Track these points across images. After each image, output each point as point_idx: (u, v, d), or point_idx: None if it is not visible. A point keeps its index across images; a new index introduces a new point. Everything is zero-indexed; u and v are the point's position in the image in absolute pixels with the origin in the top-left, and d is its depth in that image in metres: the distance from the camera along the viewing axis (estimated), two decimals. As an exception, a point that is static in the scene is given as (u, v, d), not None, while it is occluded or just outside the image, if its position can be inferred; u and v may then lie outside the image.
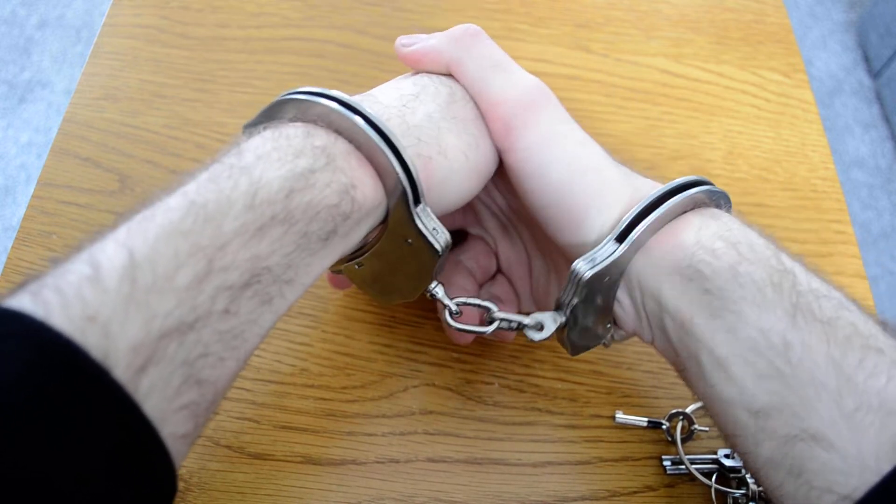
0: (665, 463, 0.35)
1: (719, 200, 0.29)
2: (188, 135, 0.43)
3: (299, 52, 0.47)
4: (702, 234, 0.26)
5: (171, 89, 0.44)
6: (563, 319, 0.29)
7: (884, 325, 0.24)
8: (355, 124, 0.25)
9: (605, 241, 0.27)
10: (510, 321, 0.30)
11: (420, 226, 0.27)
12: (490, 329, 0.30)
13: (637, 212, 0.27)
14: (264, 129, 0.26)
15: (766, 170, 0.45)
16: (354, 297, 0.38)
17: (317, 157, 0.25)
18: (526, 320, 0.30)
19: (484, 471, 0.34)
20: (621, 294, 0.29)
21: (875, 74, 1.50)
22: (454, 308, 0.30)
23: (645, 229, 0.27)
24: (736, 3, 0.53)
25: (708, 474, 0.34)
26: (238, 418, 0.34)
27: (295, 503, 0.32)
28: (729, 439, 0.26)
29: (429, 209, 0.27)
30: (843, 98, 1.50)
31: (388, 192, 0.26)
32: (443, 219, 0.33)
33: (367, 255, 0.29)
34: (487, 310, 0.31)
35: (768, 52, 0.51)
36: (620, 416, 0.35)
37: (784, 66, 0.50)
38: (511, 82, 0.30)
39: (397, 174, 0.26)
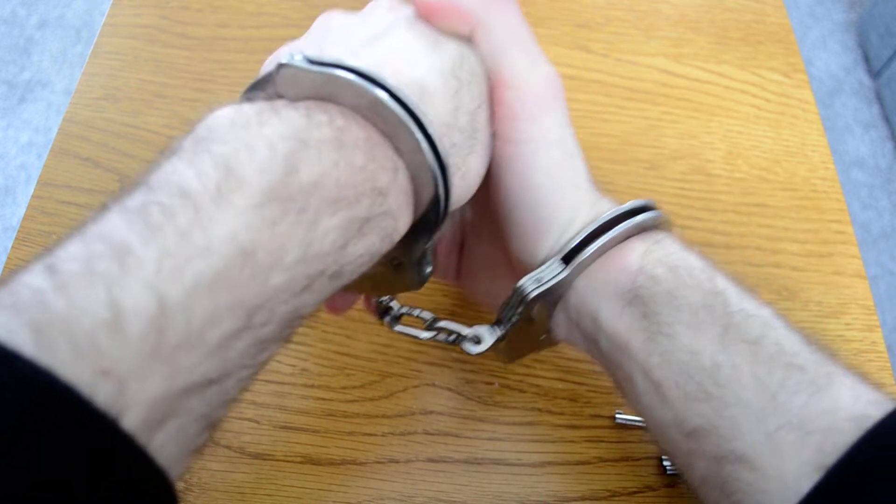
0: (665, 463, 0.34)
1: (663, 223, 0.29)
2: (188, 135, 0.43)
3: (299, 52, 0.47)
4: (645, 260, 0.26)
5: (171, 89, 0.44)
6: (502, 333, 0.30)
7: (809, 341, 0.25)
8: (420, 150, 0.22)
9: (551, 262, 0.27)
10: (450, 331, 0.31)
11: (424, 261, 0.27)
12: (428, 335, 0.31)
13: (585, 235, 0.27)
14: (320, 142, 0.21)
15: (766, 170, 0.45)
16: (354, 297, 0.38)
17: (374, 203, 0.21)
18: (465, 331, 0.30)
19: (484, 471, 0.34)
20: (557, 310, 0.29)
21: (875, 74, 1.50)
22: (401, 311, 0.31)
23: (592, 253, 0.27)
24: (736, 3, 0.53)
25: (708, 474, 0.34)
26: (238, 418, 0.34)
27: (295, 503, 0.32)
28: (670, 458, 0.27)
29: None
30: (843, 98, 1.50)
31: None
32: None
33: None
34: (433, 320, 0.31)
35: (768, 52, 0.51)
36: (620, 416, 0.35)
37: (784, 66, 0.50)
38: (529, 67, 0.27)
39: (437, 215, 0.24)
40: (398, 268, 0.27)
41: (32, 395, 0.15)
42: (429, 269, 0.27)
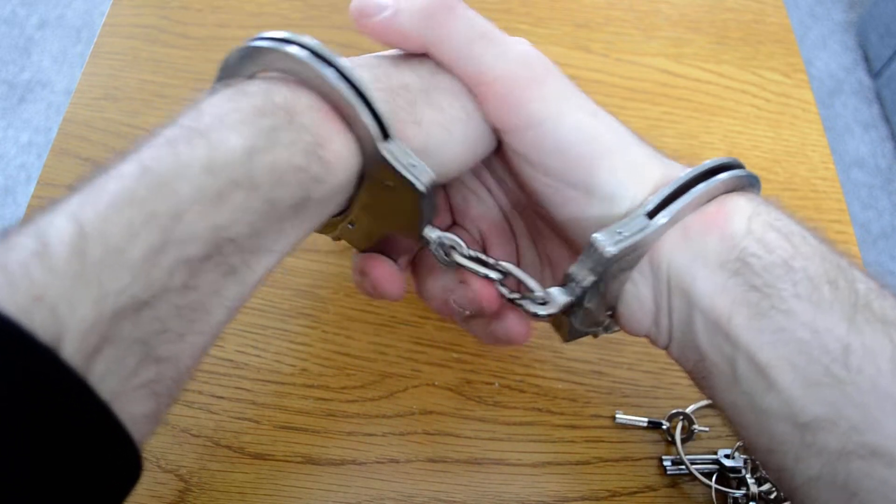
0: (665, 463, 0.34)
1: (757, 185, 0.26)
2: (188, 135, 0.43)
3: (299, 52, 0.47)
4: (754, 223, 0.23)
5: (171, 89, 0.44)
6: (573, 298, 0.26)
7: None
8: (321, 76, 0.23)
9: (634, 215, 0.24)
10: (515, 277, 0.26)
11: (392, 161, 0.24)
12: (496, 276, 0.26)
13: (675, 187, 0.24)
14: (225, 86, 0.24)
15: (766, 170, 0.45)
16: (354, 298, 0.38)
17: (277, 115, 0.22)
18: (532, 284, 0.26)
19: (484, 471, 0.34)
20: (643, 287, 0.25)
21: (875, 74, 1.50)
22: (459, 241, 0.26)
23: (685, 206, 0.24)
24: (736, 3, 0.53)
25: (708, 474, 0.34)
26: (238, 418, 0.34)
27: (295, 503, 0.32)
28: (762, 454, 0.23)
29: (404, 145, 0.24)
30: (843, 98, 1.50)
31: (363, 145, 0.24)
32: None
33: (354, 211, 0.26)
34: (496, 261, 0.27)
35: (768, 52, 0.51)
36: (620, 416, 0.35)
37: (784, 66, 0.50)
38: (502, 56, 0.26)
39: (357, 112, 0.23)
40: (394, 189, 0.25)
41: None
42: (425, 174, 0.24)
